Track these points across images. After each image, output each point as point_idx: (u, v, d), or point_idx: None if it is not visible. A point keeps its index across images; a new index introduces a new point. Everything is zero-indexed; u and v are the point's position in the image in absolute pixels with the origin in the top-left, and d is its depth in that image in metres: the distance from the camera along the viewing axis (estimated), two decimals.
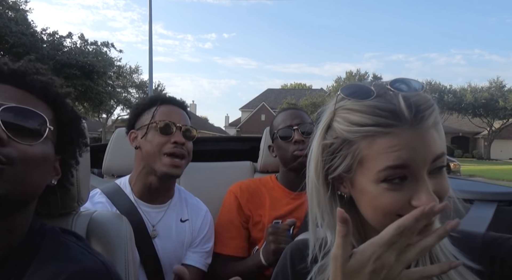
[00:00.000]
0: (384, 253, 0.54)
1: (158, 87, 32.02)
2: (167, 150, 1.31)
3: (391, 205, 0.59)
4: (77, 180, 0.89)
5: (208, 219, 1.45)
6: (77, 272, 0.64)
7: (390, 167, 0.58)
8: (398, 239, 0.53)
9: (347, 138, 0.62)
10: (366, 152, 0.60)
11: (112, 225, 0.93)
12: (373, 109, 0.60)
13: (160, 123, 1.32)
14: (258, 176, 1.85)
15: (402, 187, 0.59)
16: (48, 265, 0.65)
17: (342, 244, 0.56)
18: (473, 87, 36.67)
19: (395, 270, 0.54)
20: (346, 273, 0.56)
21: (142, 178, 1.36)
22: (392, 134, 0.58)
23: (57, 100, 0.73)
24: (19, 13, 16.42)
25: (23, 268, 0.65)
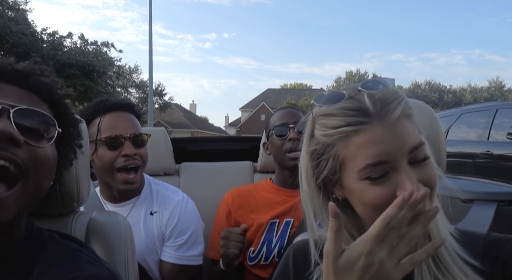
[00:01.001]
0: (374, 248, 0.54)
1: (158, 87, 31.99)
2: (119, 165, 1.29)
3: (378, 199, 0.61)
4: (77, 180, 0.89)
5: (179, 210, 1.38)
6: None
7: (370, 164, 0.60)
8: (386, 232, 0.54)
9: (325, 142, 0.65)
10: (344, 153, 0.63)
11: (112, 225, 0.93)
12: (342, 110, 0.63)
13: (107, 138, 1.28)
14: (258, 176, 1.85)
15: (385, 180, 0.61)
16: (53, 272, 0.65)
17: (334, 239, 0.57)
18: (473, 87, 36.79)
19: (388, 265, 0.54)
20: (338, 269, 0.56)
21: (105, 187, 1.39)
22: (364, 131, 0.61)
23: (59, 104, 0.73)
24: (19, 13, 16.42)
25: (26, 274, 0.64)
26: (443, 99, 35.27)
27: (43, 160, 0.65)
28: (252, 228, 1.47)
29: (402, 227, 0.54)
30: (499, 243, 0.68)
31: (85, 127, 0.93)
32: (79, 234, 0.89)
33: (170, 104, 33.66)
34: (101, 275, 0.67)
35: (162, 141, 1.80)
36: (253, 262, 1.45)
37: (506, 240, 0.68)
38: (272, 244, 1.43)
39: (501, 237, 0.69)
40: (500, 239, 0.69)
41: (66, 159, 0.77)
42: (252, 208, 1.51)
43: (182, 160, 1.97)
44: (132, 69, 30.00)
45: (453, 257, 0.65)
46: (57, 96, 0.73)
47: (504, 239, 0.68)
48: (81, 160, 0.90)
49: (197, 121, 42.15)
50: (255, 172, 1.91)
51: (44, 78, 0.71)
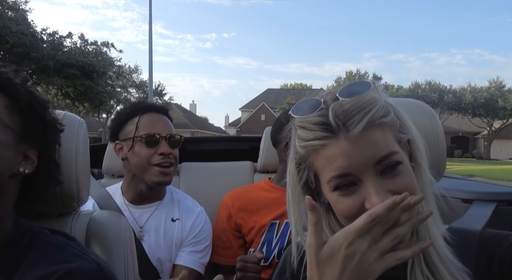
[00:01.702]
0: (356, 240, 0.55)
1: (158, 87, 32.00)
2: (155, 161, 1.35)
3: (347, 209, 0.62)
4: (77, 180, 0.89)
5: (202, 219, 1.45)
6: (70, 272, 0.64)
7: (334, 177, 0.62)
8: (370, 227, 0.55)
9: (301, 153, 0.67)
10: (316, 164, 0.65)
11: (112, 225, 0.93)
12: (309, 124, 0.65)
13: (145, 136, 1.35)
14: (258, 176, 1.85)
15: (353, 192, 0.62)
16: (40, 266, 0.65)
17: (314, 231, 0.58)
18: (473, 87, 36.70)
19: (369, 256, 0.55)
20: (320, 260, 0.57)
21: (133, 186, 1.41)
22: (329, 145, 0.62)
23: (7, 86, 0.70)
24: (19, 13, 16.38)
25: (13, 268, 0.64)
26: (443, 99, 35.21)
27: None
28: (253, 229, 1.47)
29: (389, 224, 0.55)
30: (494, 241, 0.68)
31: (82, 124, 0.93)
32: (79, 234, 0.89)
33: (170, 104, 33.68)
34: (84, 267, 0.67)
35: None
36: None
37: (501, 238, 0.68)
38: (272, 245, 1.43)
39: (496, 234, 0.69)
40: (495, 236, 0.69)
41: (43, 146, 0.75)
42: (253, 210, 1.50)
43: (182, 160, 1.97)
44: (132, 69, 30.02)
45: (443, 260, 0.65)
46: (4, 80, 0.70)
47: (500, 237, 0.68)
48: (81, 160, 0.90)
49: (197, 121, 42.13)
50: (255, 172, 1.91)
51: None
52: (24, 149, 0.72)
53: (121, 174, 1.65)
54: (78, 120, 0.93)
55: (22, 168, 0.71)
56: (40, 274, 0.63)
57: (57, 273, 0.62)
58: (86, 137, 0.95)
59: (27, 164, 0.72)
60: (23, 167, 0.71)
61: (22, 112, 0.71)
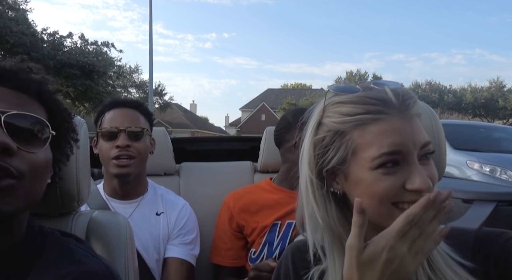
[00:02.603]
0: (396, 244, 0.56)
1: (158, 87, 31.99)
2: (112, 155, 1.36)
3: (387, 190, 0.61)
4: (77, 180, 0.89)
5: (186, 212, 1.47)
6: (82, 274, 0.64)
7: (384, 153, 0.61)
8: (408, 228, 0.56)
9: (339, 130, 0.65)
10: (359, 141, 0.63)
11: (112, 225, 0.94)
12: (363, 99, 0.64)
13: (104, 130, 1.38)
14: (258, 176, 1.85)
15: (396, 171, 0.61)
16: (52, 267, 0.65)
17: (358, 234, 0.58)
18: (473, 87, 36.67)
19: (408, 260, 0.56)
20: (361, 263, 0.58)
21: (108, 180, 1.44)
22: (382, 121, 0.62)
23: (51, 100, 0.71)
24: (19, 13, 16.40)
25: (26, 270, 0.64)
26: (443, 99, 35.21)
27: (38, 165, 0.64)
28: (256, 230, 1.46)
29: (425, 225, 0.56)
30: (490, 238, 0.68)
31: (82, 124, 0.94)
32: (79, 234, 0.89)
33: (170, 104, 33.66)
34: (97, 270, 0.67)
35: (162, 141, 1.80)
36: (254, 263, 1.45)
37: (496, 235, 0.68)
38: (274, 246, 1.43)
39: (491, 232, 0.69)
40: (490, 234, 0.69)
41: (63, 155, 0.76)
42: (255, 211, 1.49)
43: (182, 160, 1.97)
44: (133, 69, 30.02)
45: (444, 257, 0.66)
46: (48, 93, 0.70)
47: (495, 234, 0.69)
48: (81, 160, 0.90)
49: (197, 121, 42.14)
50: (255, 172, 1.91)
51: (33, 75, 0.69)
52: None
53: None
54: (78, 120, 0.94)
55: (49, 179, 0.72)
56: (52, 277, 0.63)
57: (70, 276, 0.62)
58: (86, 137, 0.95)
59: (49, 174, 0.73)
60: (49, 178, 0.72)
61: (56, 126, 0.71)
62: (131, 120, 1.40)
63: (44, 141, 0.66)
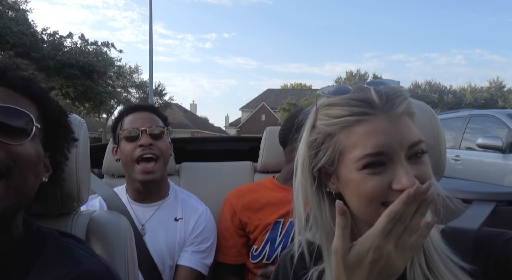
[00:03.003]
0: (382, 243, 0.56)
1: (158, 87, 32.00)
2: (136, 155, 1.36)
3: (374, 190, 0.61)
4: (77, 180, 0.89)
5: (205, 219, 1.45)
6: (82, 274, 0.64)
7: (368, 154, 0.61)
8: (391, 226, 0.56)
9: (327, 132, 0.66)
10: (345, 143, 0.64)
11: (112, 225, 0.93)
12: (347, 101, 0.65)
13: (125, 131, 1.39)
14: (258, 176, 1.85)
15: (382, 171, 0.61)
16: (52, 267, 0.65)
17: (342, 235, 0.58)
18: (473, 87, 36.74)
19: (395, 257, 0.57)
20: (347, 264, 0.58)
21: (131, 184, 1.44)
22: (367, 122, 0.62)
23: (41, 96, 0.70)
24: (19, 13, 16.40)
25: (26, 270, 0.64)
26: (443, 99, 35.23)
27: (23, 157, 0.63)
28: (258, 228, 1.47)
29: (407, 220, 0.57)
30: (489, 239, 0.68)
31: (82, 124, 0.94)
32: (80, 234, 0.89)
33: (170, 104, 33.67)
34: (96, 270, 0.67)
35: None
36: (256, 260, 1.45)
37: (496, 235, 0.68)
38: (276, 244, 1.43)
39: (491, 232, 0.69)
40: (491, 234, 0.69)
41: (61, 154, 0.75)
42: (258, 208, 1.49)
43: (182, 160, 1.97)
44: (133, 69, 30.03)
45: (443, 259, 0.66)
46: (37, 89, 0.69)
47: (495, 234, 0.69)
48: (81, 160, 0.90)
49: (197, 121, 42.14)
50: (255, 172, 1.90)
51: (21, 72, 0.69)
52: (45, 157, 0.73)
53: (121, 174, 1.65)
54: (78, 120, 0.94)
55: (44, 177, 0.72)
56: (52, 277, 0.63)
57: (70, 276, 0.62)
58: (87, 137, 0.95)
59: (46, 173, 0.73)
60: (44, 176, 0.72)
61: (49, 122, 0.71)
62: (151, 121, 1.43)
63: (28, 134, 0.65)
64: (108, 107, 24.60)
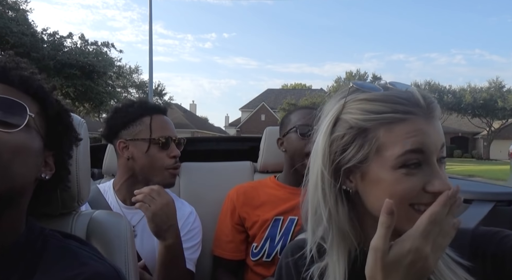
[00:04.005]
0: (421, 245, 0.57)
1: (158, 87, 31.98)
2: (169, 165, 1.37)
3: (408, 190, 0.61)
4: (77, 180, 0.89)
5: (191, 219, 1.45)
6: (91, 276, 0.64)
7: (409, 151, 0.61)
8: (431, 228, 0.57)
9: (363, 127, 0.64)
10: (383, 139, 0.63)
11: (112, 225, 0.93)
12: (391, 97, 0.64)
13: (161, 139, 1.36)
14: (258, 176, 1.85)
15: (417, 173, 0.62)
16: (56, 270, 0.64)
17: (384, 235, 0.58)
18: (473, 87, 36.65)
19: (432, 260, 0.57)
20: (386, 265, 0.58)
21: (128, 186, 1.39)
22: (409, 121, 0.62)
23: (42, 94, 0.71)
24: (19, 13, 16.39)
25: (28, 273, 0.64)
26: (443, 100, 35.16)
27: (10, 145, 0.63)
28: (256, 224, 1.48)
29: (443, 222, 0.57)
30: (486, 237, 0.69)
31: (82, 124, 0.94)
32: (80, 234, 0.89)
33: (170, 104, 33.64)
34: (104, 272, 0.67)
35: None
36: (256, 258, 1.45)
37: (492, 234, 0.69)
38: (275, 241, 1.44)
39: (487, 231, 0.70)
40: (487, 233, 0.70)
41: (64, 153, 0.76)
42: (257, 204, 1.51)
43: (182, 160, 1.97)
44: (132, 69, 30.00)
45: (442, 257, 0.66)
46: (36, 87, 0.70)
47: (491, 233, 0.69)
48: (81, 160, 0.90)
49: (197, 121, 42.11)
50: (255, 172, 1.90)
51: (20, 71, 0.70)
52: (46, 155, 0.73)
53: None
54: (79, 120, 0.94)
55: (43, 174, 0.72)
56: (59, 278, 0.62)
57: (79, 277, 0.62)
58: (87, 137, 0.95)
59: (47, 170, 0.73)
60: (44, 173, 0.72)
61: (50, 120, 0.72)
62: (174, 129, 1.44)
63: (21, 122, 0.65)
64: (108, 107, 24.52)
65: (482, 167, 21.35)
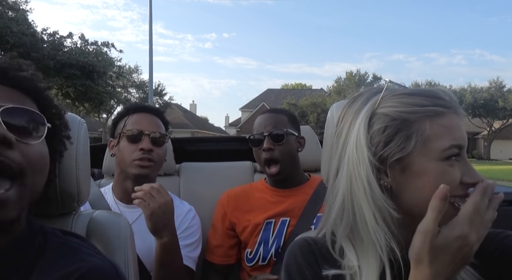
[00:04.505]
0: (469, 232, 0.58)
1: (158, 87, 31.98)
2: (135, 157, 1.38)
3: (451, 181, 0.63)
4: (77, 180, 0.89)
5: (190, 216, 1.47)
6: (89, 271, 0.64)
7: (454, 145, 0.64)
8: (475, 216, 0.59)
9: (407, 119, 0.65)
10: (430, 131, 0.65)
11: (112, 225, 0.94)
12: (429, 92, 0.68)
13: (129, 132, 1.40)
14: (258, 176, 1.85)
15: (456, 165, 0.64)
16: (56, 266, 0.65)
17: (435, 219, 0.59)
18: (473, 87, 36.62)
19: (475, 247, 0.59)
20: (434, 247, 0.59)
21: (120, 183, 1.44)
22: (447, 115, 0.66)
23: (41, 95, 0.72)
24: (19, 13, 16.40)
25: (28, 269, 0.64)
26: None
27: (37, 158, 0.64)
28: (247, 228, 1.47)
29: (484, 212, 0.60)
30: (488, 238, 0.68)
31: (82, 124, 0.94)
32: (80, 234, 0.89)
33: (170, 104, 33.68)
34: (103, 266, 0.67)
35: None
36: (251, 263, 1.45)
37: (494, 234, 0.70)
38: (269, 244, 1.43)
39: (490, 231, 0.70)
40: (489, 233, 0.69)
41: (56, 152, 0.76)
42: (247, 209, 1.51)
43: (182, 160, 1.97)
44: (132, 69, 30.04)
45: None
46: (39, 89, 0.71)
47: (493, 234, 0.70)
48: (81, 160, 0.90)
49: (197, 121, 42.12)
50: (255, 172, 1.91)
51: (23, 72, 0.70)
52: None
53: None
54: (79, 120, 0.94)
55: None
56: (59, 275, 0.62)
57: (77, 272, 0.62)
58: (87, 137, 0.95)
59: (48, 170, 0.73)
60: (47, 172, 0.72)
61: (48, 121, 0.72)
62: (155, 125, 1.44)
63: (41, 135, 0.67)
64: (108, 107, 24.60)
65: (483, 167, 21.35)
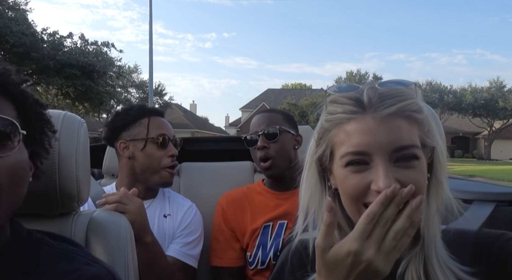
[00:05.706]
0: (361, 248, 0.55)
1: (158, 87, 31.97)
2: (166, 164, 1.42)
3: (354, 188, 0.62)
4: (77, 180, 0.88)
5: (191, 213, 1.49)
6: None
7: (350, 153, 0.63)
8: (370, 228, 0.55)
9: (324, 128, 0.68)
10: (335, 139, 0.66)
11: (112, 225, 0.93)
12: (342, 98, 0.66)
13: (159, 138, 1.43)
14: (258, 176, 1.85)
15: (364, 170, 0.62)
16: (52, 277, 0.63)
17: (325, 233, 0.58)
18: (473, 87, 36.61)
19: (377, 262, 0.55)
20: (326, 264, 0.58)
21: (128, 185, 1.42)
22: (355, 120, 0.63)
23: (17, 92, 0.64)
24: (19, 13, 16.39)
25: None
26: (443, 99, 35.15)
27: (13, 166, 0.59)
28: (247, 233, 1.47)
29: (388, 223, 0.55)
30: (490, 240, 0.68)
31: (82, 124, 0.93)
32: (79, 234, 0.89)
33: (170, 104, 33.66)
34: (101, 274, 0.66)
35: None
36: (252, 266, 1.45)
37: (496, 237, 0.68)
38: (267, 248, 1.43)
39: (491, 233, 0.69)
40: (491, 236, 0.69)
41: (41, 148, 0.70)
42: (246, 213, 1.50)
43: (182, 160, 1.96)
44: (132, 69, 30.03)
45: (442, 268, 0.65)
46: (12, 85, 0.63)
47: (495, 236, 0.69)
48: (81, 160, 0.90)
49: (197, 121, 42.11)
50: (255, 172, 1.90)
51: None
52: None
53: None
54: (78, 120, 0.93)
55: (30, 178, 0.68)
56: None
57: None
58: (86, 137, 0.95)
59: (30, 173, 0.69)
60: (30, 177, 0.68)
61: (27, 119, 0.66)
62: (172, 130, 1.50)
63: (17, 143, 0.60)
64: (108, 107, 24.55)
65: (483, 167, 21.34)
